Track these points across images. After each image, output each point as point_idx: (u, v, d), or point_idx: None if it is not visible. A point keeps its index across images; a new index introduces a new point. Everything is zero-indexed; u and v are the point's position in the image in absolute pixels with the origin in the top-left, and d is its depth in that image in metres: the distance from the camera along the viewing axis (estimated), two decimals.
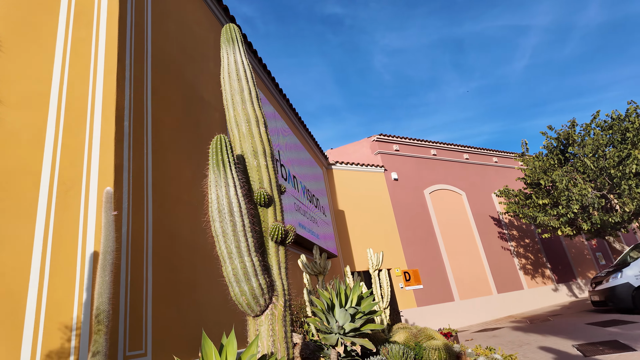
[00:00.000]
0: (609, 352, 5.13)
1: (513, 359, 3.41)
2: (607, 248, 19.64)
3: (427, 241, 13.96)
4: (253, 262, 3.05)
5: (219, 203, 3.11)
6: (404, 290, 12.65)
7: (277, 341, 3.08)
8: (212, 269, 4.08)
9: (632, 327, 6.84)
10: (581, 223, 11.96)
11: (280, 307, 3.21)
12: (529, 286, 15.54)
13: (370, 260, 6.93)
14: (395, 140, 15.19)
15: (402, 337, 4.58)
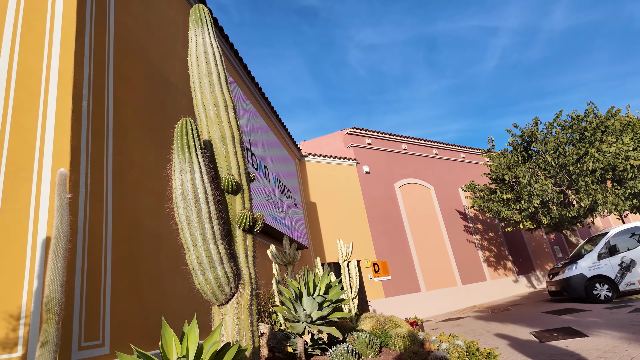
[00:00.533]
0: (562, 337, 5.41)
1: (474, 345, 3.52)
2: (564, 242, 20.73)
3: (396, 233, 14.22)
4: (219, 249, 2.97)
5: (184, 189, 3.00)
6: (372, 281, 12.85)
7: (242, 330, 3.02)
8: (176, 258, 3.95)
9: (585, 315, 7.26)
10: (541, 217, 12.53)
11: (247, 295, 3.15)
12: (492, 278, 16.18)
13: (340, 250, 6.97)
14: (367, 134, 15.31)
15: (368, 326, 4.64)
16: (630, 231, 9.81)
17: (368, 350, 3.72)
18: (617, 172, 11.61)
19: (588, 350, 4.48)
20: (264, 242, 7.67)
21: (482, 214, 17.33)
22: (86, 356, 2.65)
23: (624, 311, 6.94)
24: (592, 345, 4.68)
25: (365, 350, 3.72)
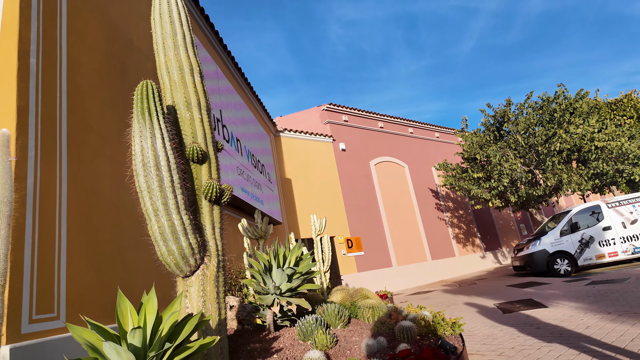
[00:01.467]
0: (524, 309, 5.65)
1: (440, 315, 3.59)
2: (530, 220, 21.64)
3: (370, 210, 14.38)
4: (182, 220, 2.84)
5: (144, 156, 2.82)
6: (346, 257, 13.03)
7: (208, 302, 2.94)
8: (138, 228, 3.78)
9: (545, 287, 7.62)
10: (509, 196, 12.95)
11: (213, 267, 3.05)
12: (460, 254, 16.75)
13: (314, 225, 6.94)
14: (344, 111, 15.17)
15: (339, 298, 4.66)
16: (591, 209, 10.28)
17: (337, 321, 3.74)
18: (582, 152, 12.06)
19: (547, 319, 4.69)
20: (235, 217, 7.55)
21: (454, 192, 17.75)
22: (39, 329, 2.50)
23: (581, 284, 7.32)
24: (551, 315, 4.90)
25: (334, 321, 3.74)
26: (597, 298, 5.56)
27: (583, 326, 4.07)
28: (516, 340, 3.94)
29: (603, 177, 12.33)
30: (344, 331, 3.60)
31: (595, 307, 4.97)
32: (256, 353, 3.30)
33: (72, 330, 1.86)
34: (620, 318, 4.17)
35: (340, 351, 3.00)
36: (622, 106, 16.33)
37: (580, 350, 3.28)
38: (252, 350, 3.39)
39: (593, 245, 9.84)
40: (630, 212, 9.97)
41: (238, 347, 3.53)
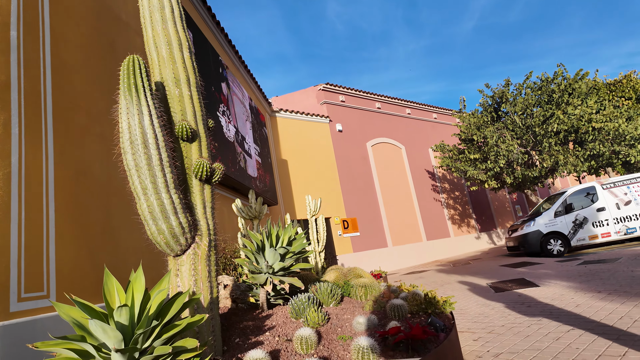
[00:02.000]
0: (516, 288, 5.72)
1: (432, 293, 3.62)
2: (525, 201, 21.77)
3: (366, 191, 14.39)
4: (172, 199, 2.80)
5: (131, 133, 2.77)
6: (342, 237, 13.11)
7: (199, 280, 2.93)
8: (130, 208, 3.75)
9: (538, 267, 7.71)
10: (505, 177, 12.96)
11: (204, 246, 3.04)
12: (455, 234, 16.90)
13: (308, 206, 6.94)
14: (341, 91, 14.97)
15: (332, 277, 4.69)
16: (586, 191, 10.32)
17: (329, 300, 3.77)
18: (579, 134, 12.02)
19: (538, 297, 4.75)
20: (230, 197, 7.52)
21: (450, 173, 17.76)
22: (28, 307, 2.50)
23: (573, 264, 7.41)
24: (542, 293, 4.97)
25: (326, 299, 3.76)
26: (587, 277, 5.63)
27: (573, 304, 4.13)
28: (507, 318, 3.99)
29: (599, 158, 12.33)
30: (336, 309, 3.63)
31: (586, 286, 5.04)
32: (249, 330, 3.33)
33: (59, 309, 1.85)
34: (610, 297, 4.23)
35: (332, 329, 3.03)
36: (621, 87, 16.19)
37: (570, 327, 3.33)
38: (245, 328, 3.42)
39: (586, 226, 9.92)
40: (625, 194, 10.02)
41: (231, 325, 3.56)
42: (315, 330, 2.89)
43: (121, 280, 3.40)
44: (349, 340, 2.66)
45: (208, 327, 2.85)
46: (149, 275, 3.43)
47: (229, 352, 2.85)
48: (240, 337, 3.17)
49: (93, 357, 1.84)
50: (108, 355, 1.85)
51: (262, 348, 2.58)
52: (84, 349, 1.84)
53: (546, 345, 2.95)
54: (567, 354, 2.69)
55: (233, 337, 3.23)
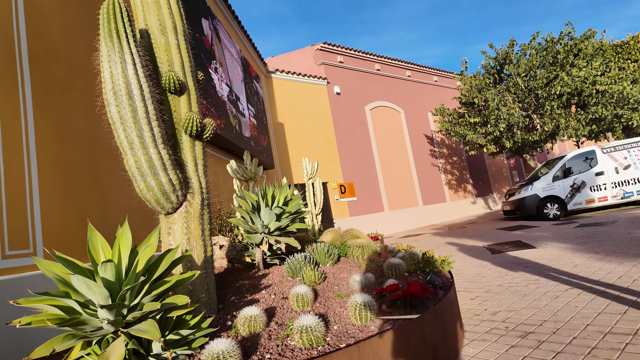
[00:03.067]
0: (512, 249, 5.74)
1: (430, 253, 3.58)
2: (522, 167, 21.75)
3: (364, 156, 14.25)
4: (160, 154, 2.66)
5: (114, 83, 2.58)
6: (339, 202, 13.11)
7: (192, 239, 2.85)
8: (118, 166, 3.61)
9: (534, 230, 7.74)
10: (505, 141, 12.81)
11: (197, 205, 2.93)
12: (452, 199, 16.96)
13: (305, 169, 6.82)
14: (339, 51, 14.44)
15: (329, 238, 4.65)
16: (585, 155, 10.22)
17: (326, 259, 3.72)
18: (582, 97, 11.75)
19: (535, 259, 4.75)
20: (224, 159, 7.36)
21: (449, 138, 17.56)
22: (13, 265, 2.41)
23: (569, 227, 7.43)
24: (539, 255, 4.97)
25: (323, 259, 3.72)
26: (585, 239, 5.63)
27: (571, 265, 4.12)
28: (503, 278, 3.98)
29: (600, 122, 12.14)
30: (332, 269, 3.59)
31: (583, 247, 5.03)
32: (245, 289, 3.30)
33: (40, 264, 1.75)
34: (608, 257, 4.22)
35: (328, 287, 2.99)
36: (628, 49, 15.72)
37: (567, 287, 3.31)
38: (241, 287, 3.38)
39: (584, 190, 9.90)
40: (625, 158, 9.93)
41: (227, 284, 3.53)
42: (311, 288, 2.85)
43: (112, 240, 3.31)
44: (346, 298, 2.62)
45: (202, 285, 2.79)
46: (141, 234, 3.34)
47: (224, 310, 2.82)
48: (235, 296, 3.14)
49: (79, 314, 1.77)
50: (95, 312, 1.77)
51: (258, 305, 2.53)
52: (68, 306, 1.76)
53: (544, 303, 2.93)
54: (566, 311, 2.67)
55: (228, 296, 3.19)
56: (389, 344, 1.80)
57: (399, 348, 1.84)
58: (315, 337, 1.85)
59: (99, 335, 1.79)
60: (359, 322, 2.07)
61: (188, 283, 2.80)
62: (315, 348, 1.83)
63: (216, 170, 6.59)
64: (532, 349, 2.14)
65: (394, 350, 1.81)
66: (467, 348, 2.29)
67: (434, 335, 2.04)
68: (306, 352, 1.79)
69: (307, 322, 1.90)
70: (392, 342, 1.81)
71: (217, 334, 2.27)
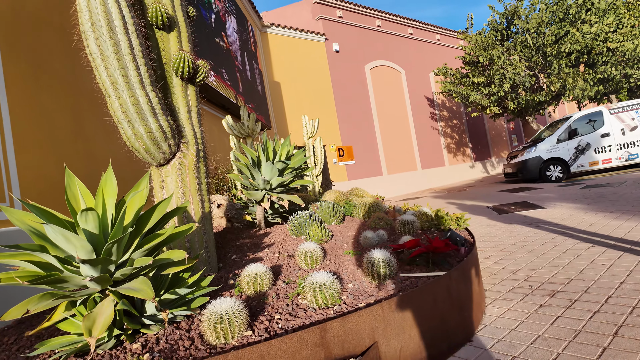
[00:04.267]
0: (519, 209, 5.57)
1: (442, 210, 3.37)
2: (522, 131, 21.47)
3: (363, 118, 13.84)
4: (149, 97, 2.35)
5: (91, 12, 2.22)
6: (337, 166, 12.86)
7: (188, 193, 2.59)
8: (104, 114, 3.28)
9: (538, 192, 7.58)
10: (508, 102, 12.43)
11: (192, 156, 2.65)
12: (450, 163, 16.77)
13: (305, 127, 6.48)
14: (339, 5, 13.63)
15: (332, 197, 4.42)
16: (592, 116, 9.92)
17: (331, 218, 3.50)
18: (592, 55, 11.28)
19: (546, 218, 4.58)
20: (219, 116, 6.98)
21: (450, 100, 17.11)
22: None
23: (575, 188, 7.27)
24: (550, 214, 4.79)
25: (328, 217, 3.50)
26: (594, 200, 5.45)
27: (586, 223, 3.94)
28: (516, 237, 3.81)
29: (608, 83, 11.75)
30: (339, 227, 3.38)
31: (595, 207, 4.86)
32: (246, 248, 3.09)
33: (10, 214, 1.48)
34: (625, 216, 4.04)
35: (336, 245, 2.78)
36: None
37: (589, 244, 3.14)
38: (242, 246, 3.17)
39: (588, 152, 9.70)
40: (632, 119, 9.66)
41: (227, 243, 3.32)
42: (320, 246, 2.64)
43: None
44: (358, 256, 2.41)
45: (200, 242, 2.57)
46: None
47: (225, 269, 2.61)
48: (237, 254, 2.93)
49: (60, 270, 1.53)
50: (78, 269, 1.53)
51: (263, 263, 2.32)
52: (46, 262, 1.52)
53: (567, 261, 2.75)
54: (593, 270, 2.49)
55: (229, 255, 2.99)
56: (415, 303, 1.59)
57: (425, 308, 1.63)
58: (330, 296, 1.64)
59: (83, 294, 1.56)
60: (376, 281, 1.86)
61: (185, 239, 2.58)
62: (331, 307, 1.63)
63: (211, 128, 6.24)
64: (564, 308, 1.96)
65: (420, 311, 1.61)
66: (490, 308, 2.11)
67: (460, 294, 1.84)
68: (321, 312, 1.59)
69: (321, 279, 1.69)
70: (418, 302, 1.60)
71: (219, 293, 2.06)
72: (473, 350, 1.68)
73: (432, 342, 1.63)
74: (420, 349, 1.58)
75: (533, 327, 1.79)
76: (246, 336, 1.46)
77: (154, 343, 1.53)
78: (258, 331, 1.49)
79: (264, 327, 1.52)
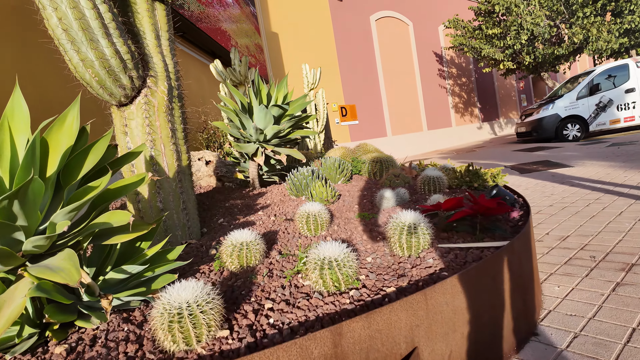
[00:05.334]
0: (544, 168, 5.03)
1: (473, 166, 2.84)
2: (531, 90, 20.53)
3: (367, 75, 12.99)
4: (98, 10, 1.75)
5: None
6: (339, 126, 12.20)
7: (159, 141, 2.05)
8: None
9: (558, 150, 7.00)
10: (524, 56, 11.55)
11: (162, 94, 2.08)
12: (457, 124, 16.04)
13: (306, 77, 5.81)
14: None
15: (338, 153, 3.86)
16: (616, 70, 9.13)
17: (337, 175, 2.97)
18: (619, 2, 10.29)
19: (579, 176, 4.06)
20: (207, 63, 6.26)
21: (459, 56, 16.10)
22: None
23: (600, 146, 6.68)
24: (582, 173, 4.26)
25: (334, 175, 2.97)
26: (629, 157, 4.89)
27: (632, 182, 3.42)
28: (551, 198, 3.30)
29: (634, 35, 10.83)
30: (346, 186, 2.86)
31: (633, 165, 4.31)
32: (237, 210, 2.59)
33: None
34: None
35: (346, 206, 2.26)
36: None
37: None
38: (232, 207, 2.67)
39: (610, 109, 9.00)
40: None
41: (214, 204, 2.82)
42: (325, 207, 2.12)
43: None
44: (375, 219, 1.90)
45: (177, 203, 2.06)
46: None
47: (209, 235, 2.12)
48: (225, 218, 2.43)
49: None
50: None
51: (254, 229, 1.81)
52: None
53: (628, 226, 2.25)
54: None
55: (216, 218, 2.49)
56: (471, 287, 1.08)
57: (483, 293, 1.13)
58: (344, 276, 1.14)
59: None
60: (406, 252, 1.35)
61: (157, 199, 2.07)
62: (346, 292, 1.13)
63: (199, 77, 5.57)
64: None
65: (477, 298, 1.10)
66: (548, 286, 1.62)
67: (523, 271, 1.33)
68: (332, 301, 1.09)
69: (331, 251, 1.17)
70: (475, 285, 1.10)
71: (195, 266, 1.57)
72: (544, 350, 1.20)
73: (491, 341, 1.15)
74: (477, 352, 1.10)
75: (620, 316, 1.31)
76: (220, 338, 0.97)
77: (87, 345, 1.04)
78: (239, 330, 1.00)
79: (247, 323, 1.03)
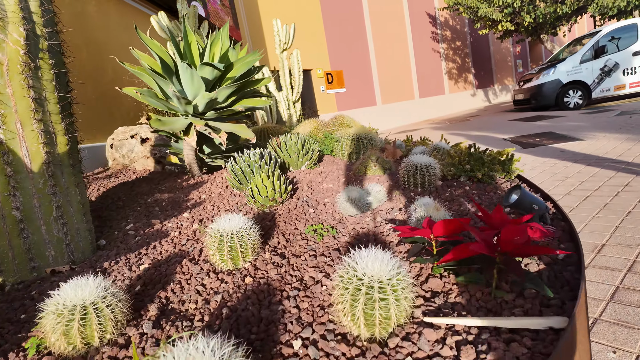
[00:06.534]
0: (549, 142, 4.39)
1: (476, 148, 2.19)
2: (528, 56, 19.62)
3: (356, 39, 11.99)
4: None
5: None
6: (325, 94, 11.34)
7: (11, 118, 1.37)
8: None
9: (561, 120, 6.35)
10: (524, 16, 10.65)
11: (15, 46, 1.36)
12: (451, 91, 15.24)
13: (277, 36, 4.97)
14: None
15: (307, 128, 3.15)
16: (624, 30, 8.34)
17: (299, 159, 2.29)
18: None
19: (594, 153, 3.43)
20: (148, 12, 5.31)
21: (453, 17, 15.05)
22: None
23: (607, 115, 6.04)
24: (595, 148, 3.63)
25: (294, 158, 2.28)
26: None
27: None
28: (565, 183, 2.67)
29: None
30: (310, 174, 2.18)
31: None
32: (158, 209, 1.92)
33: None
34: None
35: (298, 209, 1.60)
36: None
37: None
38: (154, 204, 1.99)
39: (615, 74, 8.30)
40: None
41: (133, 198, 2.13)
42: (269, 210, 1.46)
43: None
44: (330, 238, 1.24)
45: (46, 210, 1.39)
46: None
47: (108, 249, 1.46)
48: (138, 221, 1.76)
49: None
50: None
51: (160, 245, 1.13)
52: None
53: None
54: None
55: (127, 220, 1.82)
56: None
57: None
58: None
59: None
60: (366, 332, 0.70)
61: (13, 206, 1.39)
62: None
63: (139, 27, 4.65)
64: None
65: None
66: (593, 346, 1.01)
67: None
68: None
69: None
70: None
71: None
72: None
73: None
74: None
75: None
76: None
77: None
78: None
79: None
